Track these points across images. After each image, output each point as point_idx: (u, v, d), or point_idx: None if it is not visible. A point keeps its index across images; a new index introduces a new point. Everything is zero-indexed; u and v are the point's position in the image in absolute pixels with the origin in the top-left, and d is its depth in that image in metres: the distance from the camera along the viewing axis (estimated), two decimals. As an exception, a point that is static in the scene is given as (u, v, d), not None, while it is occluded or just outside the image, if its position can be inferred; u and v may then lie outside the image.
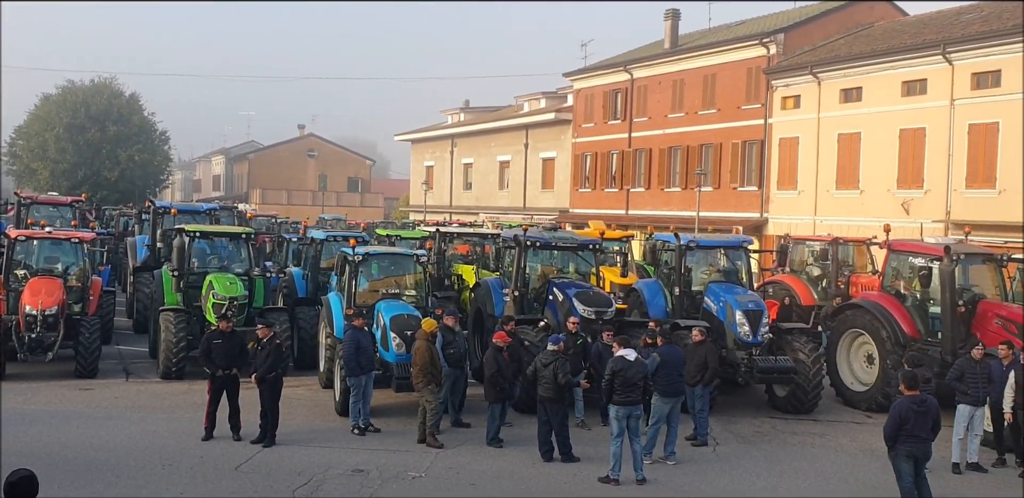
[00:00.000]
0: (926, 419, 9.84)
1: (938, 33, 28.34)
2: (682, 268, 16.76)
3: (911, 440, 9.81)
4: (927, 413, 9.87)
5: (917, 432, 9.79)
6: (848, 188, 30.30)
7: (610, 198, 41.27)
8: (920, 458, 9.94)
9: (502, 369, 12.56)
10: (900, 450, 9.87)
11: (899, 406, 9.95)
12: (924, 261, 15.50)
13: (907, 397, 9.98)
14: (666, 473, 11.73)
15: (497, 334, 13.03)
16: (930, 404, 10.04)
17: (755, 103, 33.94)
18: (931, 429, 9.94)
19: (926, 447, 9.94)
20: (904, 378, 10.28)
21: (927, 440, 9.92)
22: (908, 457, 9.87)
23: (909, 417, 9.77)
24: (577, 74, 43.95)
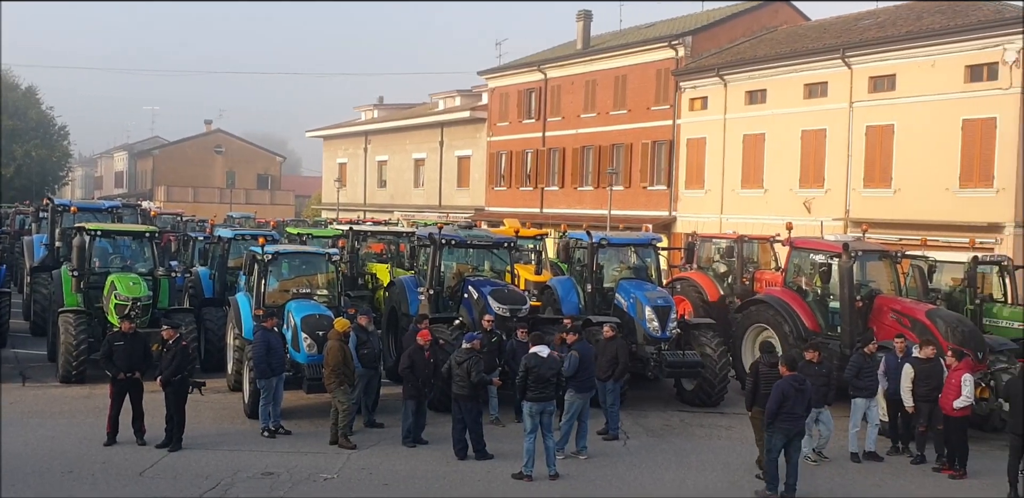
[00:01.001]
0: (803, 398, 10.68)
1: (838, 37, 29.50)
2: (594, 265, 17.01)
3: (789, 418, 10.58)
4: (804, 392, 10.72)
5: (794, 410, 10.58)
6: (753, 187, 31.25)
7: (525, 197, 41.54)
8: (793, 435, 10.68)
9: (416, 367, 12.52)
10: (777, 427, 10.62)
11: (781, 385, 10.69)
12: (824, 258, 16.08)
13: (787, 377, 10.78)
14: (578, 468, 11.90)
15: (420, 332, 12.96)
16: (807, 384, 10.91)
17: (664, 104, 34.68)
18: (805, 408, 10.81)
19: (800, 424, 10.79)
20: (784, 360, 11.15)
21: (801, 418, 10.77)
22: (784, 434, 10.62)
23: (790, 395, 10.54)
24: (492, 73, 44.08)
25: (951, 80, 25.36)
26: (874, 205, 27.16)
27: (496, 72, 43.88)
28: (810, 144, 29.32)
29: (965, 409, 11.95)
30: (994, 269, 18.59)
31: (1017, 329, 17.24)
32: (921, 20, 27.55)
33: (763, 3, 37.01)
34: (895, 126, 26.82)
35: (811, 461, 12.43)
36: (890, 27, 28.22)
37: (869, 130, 27.54)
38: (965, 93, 25.06)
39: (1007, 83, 24.05)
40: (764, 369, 11.60)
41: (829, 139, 28.70)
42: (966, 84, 25.10)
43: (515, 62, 44.03)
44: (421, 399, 12.69)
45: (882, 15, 30.69)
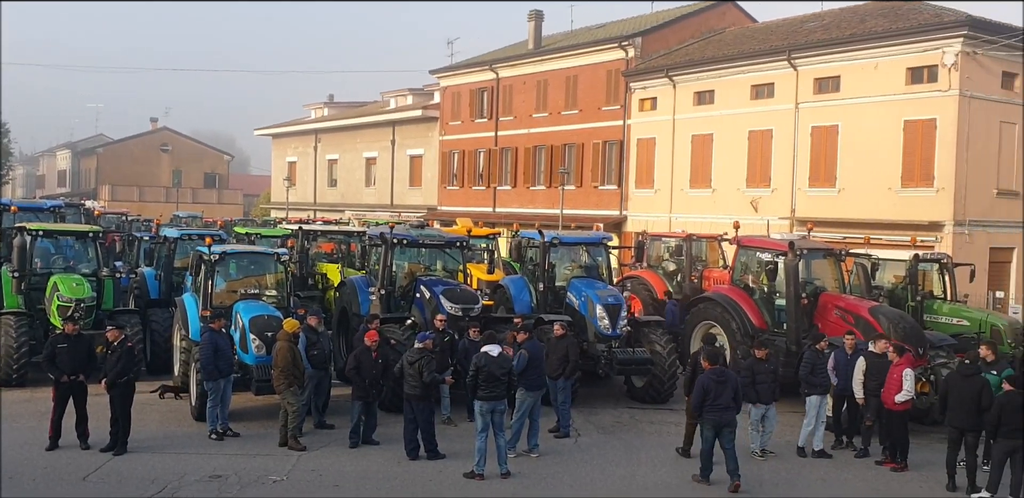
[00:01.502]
0: (726, 389, 11.14)
1: (784, 39, 30.01)
2: (546, 264, 17.09)
3: (714, 409, 11.10)
4: (726, 383, 11.19)
5: (718, 401, 11.07)
6: (701, 187, 31.67)
7: (478, 196, 41.53)
8: (723, 426, 11.11)
9: (362, 368, 12.45)
10: (705, 418, 11.17)
11: (703, 379, 11.27)
12: (770, 256, 16.37)
13: (708, 371, 11.31)
14: (530, 466, 11.95)
15: (368, 333, 12.88)
16: (729, 376, 11.40)
17: (615, 104, 34.95)
18: (732, 399, 11.20)
19: (729, 415, 11.16)
20: (706, 354, 11.65)
21: (728, 409, 11.16)
22: (712, 425, 11.12)
23: (711, 388, 11.09)
24: (444, 72, 43.98)
25: (893, 82, 25.98)
26: (819, 204, 27.71)
27: (448, 71, 43.79)
28: (757, 144, 29.80)
29: (906, 403, 12.25)
30: (934, 267, 19.10)
31: (956, 325, 17.77)
32: (864, 23, 28.17)
33: (711, 5, 37.51)
34: (839, 127, 27.39)
35: (757, 456, 12.65)
36: (834, 29, 28.80)
37: (814, 131, 28.09)
38: (907, 95, 25.69)
39: (946, 85, 24.71)
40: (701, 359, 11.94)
41: (775, 139, 29.20)
42: (907, 86, 25.73)
43: (467, 61, 43.99)
44: (369, 400, 12.63)
45: (827, 17, 31.31)
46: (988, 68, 25.12)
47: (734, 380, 11.44)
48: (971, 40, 24.47)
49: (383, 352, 12.81)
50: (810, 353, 13.17)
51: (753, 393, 12.61)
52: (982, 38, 24.58)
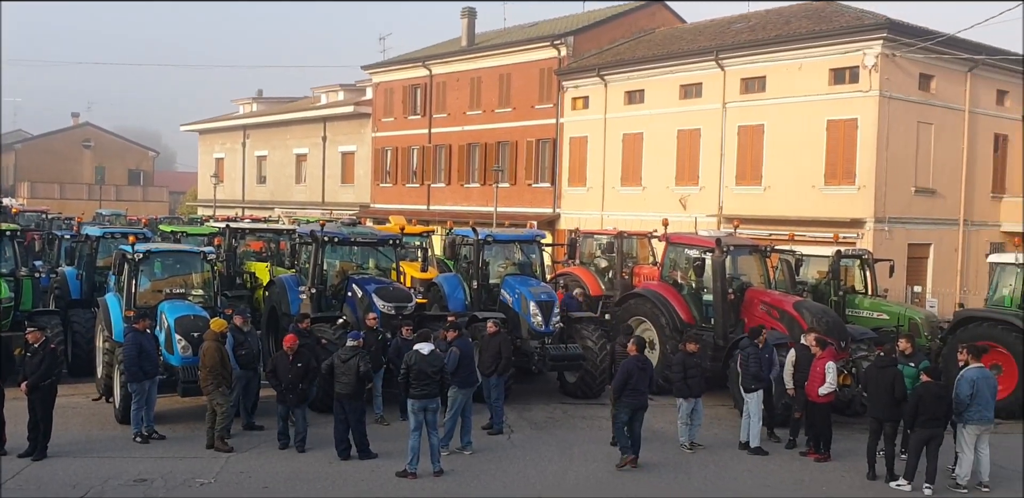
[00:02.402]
0: (645, 376, 11.98)
1: (712, 40, 30.57)
2: (480, 262, 17.10)
3: (632, 393, 11.88)
4: (646, 370, 12.05)
5: (637, 386, 11.88)
6: (632, 185, 32.07)
7: (411, 193, 41.32)
8: (638, 409, 11.95)
9: (278, 371, 12.24)
10: (623, 402, 11.88)
11: (626, 364, 12.05)
12: (698, 253, 16.65)
13: (632, 357, 12.10)
14: (463, 463, 11.96)
15: (286, 337, 12.64)
16: (648, 364, 12.23)
17: (548, 103, 35.15)
18: (648, 384, 12.01)
19: (644, 399, 12.03)
20: (635, 341, 12.49)
21: (644, 393, 12.00)
22: (628, 408, 11.88)
23: (633, 373, 11.86)
24: (376, 68, 43.62)
25: (816, 83, 26.69)
26: (745, 202, 28.33)
27: (380, 67, 43.44)
28: (685, 143, 30.31)
29: (829, 395, 12.61)
30: (856, 262, 19.75)
31: (876, 319, 18.39)
32: (789, 24, 28.87)
33: (641, 5, 37.99)
34: (765, 126, 28.03)
35: (687, 449, 12.88)
36: (760, 31, 29.45)
37: (741, 130, 28.69)
38: (829, 95, 26.42)
39: (867, 86, 25.49)
40: (620, 349, 13.10)
41: (703, 138, 29.73)
42: (830, 86, 26.47)
43: (400, 57, 43.70)
44: (287, 404, 12.34)
45: (753, 19, 31.99)
46: (906, 70, 26.00)
47: (652, 367, 12.34)
48: (890, 42, 25.29)
49: (305, 354, 12.52)
50: (753, 349, 13.26)
51: (685, 387, 12.83)
52: (901, 41, 25.42)
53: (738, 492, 11.17)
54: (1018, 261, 16.30)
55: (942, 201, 27.22)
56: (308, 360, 12.37)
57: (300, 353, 12.40)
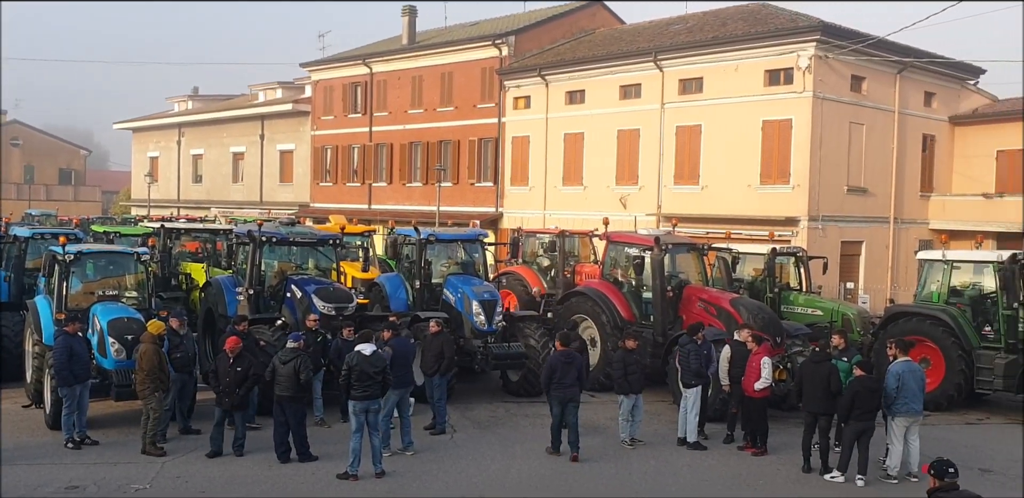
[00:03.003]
0: (571, 369, 12.30)
1: (650, 41, 30.94)
2: (422, 261, 17.03)
3: (560, 386, 12.24)
4: (572, 363, 12.36)
5: (564, 380, 12.23)
6: (573, 184, 32.30)
7: (352, 192, 40.96)
8: (567, 401, 12.27)
9: (219, 374, 12.00)
10: (552, 395, 12.33)
11: (552, 359, 12.55)
12: (638, 251, 16.84)
13: (559, 352, 12.53)
14: (405, 464, 11.91)
15: (229, 339, 12.41)
16: (575, 358, 12.52)
17: (490, 102, 35.17)
18: (576, 378, 12.35)
19: (572, 392, 12.34)
20: (559, 337, 12.88)
21: (572, 387, 12.31)
22: (558, 401, 12.27)
23: (558, 367, 12.26)
24: (315, 65, 43.12)
25: (752, 84, 27.21)
26: (683, 201, 28.75)
27: (320, 64, 42.95)
28: (625, 143, 30.63)
29: (765, 390, 12.87)
30: (790, 260, 20.19)
31: (811, 315, 18.83)
32: (726, 26, 29.36)
33: (582, 5, 38.26)
34: (702, 126, 28.48)
35: (627, 445, 13.03)
36: (698, 32, 29.90)
37: (679, 130, 29.10)
38: (765, 96, 26.96)
39: (801, 87, 26.08)
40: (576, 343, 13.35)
41: (643, 138, 30.08)
42: (766, 87, 27.01)
43: (339, 55, 43.26)
44: (225, 408, 12.02)
45: (691, 20, 32.46)
46: (839, 71, 26.67)
47: (579, 361, 12.59)
48: (823, 44, 25.91)
49: (246, 358, 12.22)
50: (693, 346, 13.44)
51: (625, 384, 12.98)
52: (833, 43, 26.06)
53: (678, 487, 11.33)
54: (945, 258, 16.85)
55: (873, 200, 28.00)
56: (248, 364, 12.11)
57: (241, 356, 12.14)
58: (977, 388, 15.96)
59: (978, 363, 15.78)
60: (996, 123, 30.07)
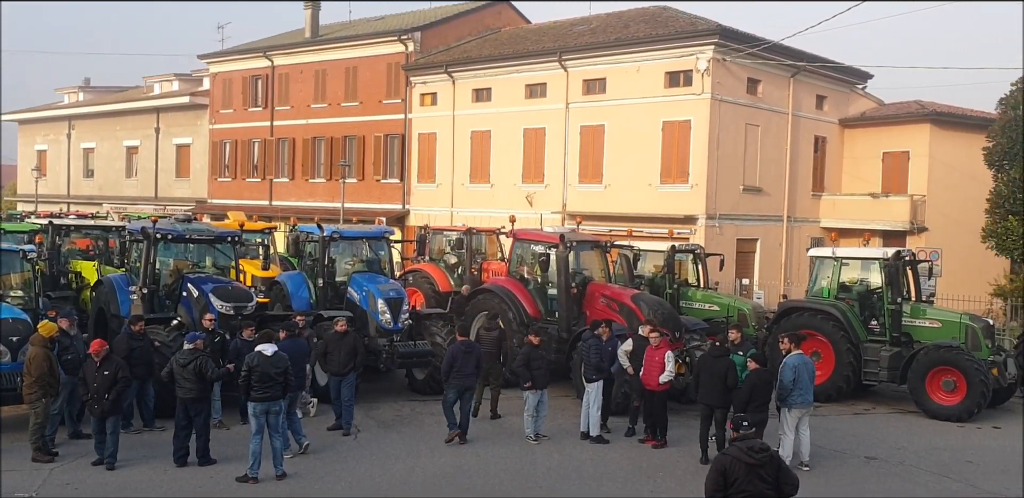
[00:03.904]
0: (471, 359, 12.98)
1: (555, 41, 31.24)
2: (326, 259, 16.79)
3: (459, 375, 12.89)
4: (471, 353, 13.06)
5: (463, 369, 12.88)
6: (480, 182, 32.36)
7: (252, 188, 40.00)
8: (464, 389, 12.99)
9: (86, 380, 11.38)
10: (451, 383, 12.95)
11: (452, 349, 13.24)
12: (543, 248, 17.01)
13: (459, 342, 13.27)
14: (307, 465, 11.72)
15: (93, 342, 11.80)
16: (474, 348, 13.33)
17: (395, 98, 34.89)
18: (475, 367, 13.06)
19: (470, 381, 13.07)
20: (459, 329, 13.83)
21: (470, 376, 13.02)
22: (455, 389, 12.95)
23: (458, 357, 12.91)
24: (214, 57, 41.91)
25: (653, 85, 27.80)
26: (587, 199, 29.17)
27: (219, 56, 41.76)
28: (531, 142, 30.87)
29: (667, 384, 13.21)
30: (689, 257, 20.75)
31: (708, 310, 19.40)
32: (628, 28, 29.90)
33: (487, 4, 38.31)
34: (606, 126, 28.95)
35: (532, 441, 13.16)
36: (601, 33, 30.35)
37: (583, 130, 29.50)
38: (665, 97, 27.59)
39: (700, 89, 26.79)
40: (483, 332, 14.79)
41: (548, 137, 30.37)
42: (666, 89, 27.64)
43: (239, 47, 42.16)
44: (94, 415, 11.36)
45: (594, 22, 32.91)
46: (736, 74, 27.51)
47: (478, 351, 13.36)
48: (721, 48, 26.68)
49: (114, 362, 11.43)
50: (597, 341, 13.66)
51: (529, 379, 13.10)
52: (731, 46, 26.87)
53: (581, 481, 11.50)
54: (835, 255, 17.60)
55: (767, 199, 29.01)
56: (116, 367, 11.34)
57: (109, 360, 11.39)
58: (864, 380, 16.74)
59: (865, 356, 16.57)
60: (882, 126, 31.59)
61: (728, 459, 6.88)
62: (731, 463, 6.83)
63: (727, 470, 6.82)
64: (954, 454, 13.17)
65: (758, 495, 6.74)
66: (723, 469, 6.84)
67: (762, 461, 6.81)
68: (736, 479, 6.75)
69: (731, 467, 6.81)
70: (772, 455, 6.95)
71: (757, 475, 6.76)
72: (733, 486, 6.77)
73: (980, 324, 16.19)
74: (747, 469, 6.76)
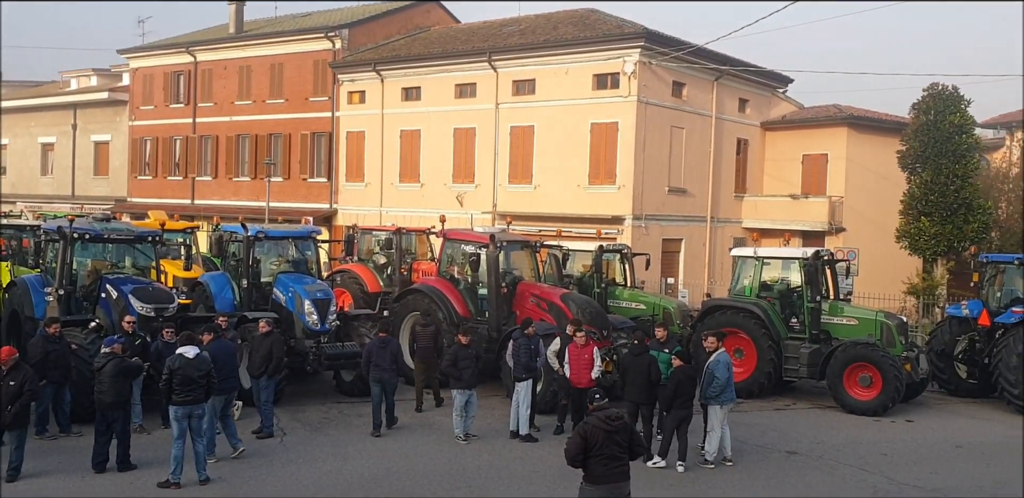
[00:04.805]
0: (386, 353, 13.60)
1: (484, 41, 31.26)
2: (250, 259, 16.48)
3: (377, 369, 13.50)
4: (387, 348, 13.66)
5: (380, 363, 13.53)
6: (410, 181, 32.19)
7: (174, 187, 39.01)
8: (384, 382, 13.58)
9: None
10: (372, 376, 13.61)
11: (370, 344, 13.90)
12: (474, 248, 17.03)
13: (377, 338, 13.84)
14: (232, 469, 11.50)
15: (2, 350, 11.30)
16: (390, 343, 13.83)
17: (323, 96, 34.45)
18: (391, 361, 13.60)
19: (389, 375, 13.62)
20: (381, 325, 14.30)
21: (388, 369, 13.58)
22: (376, 382, 13.59)
23: (374, 351, 13.61)
24: (134, 52, 40.74)
25: (581, 87, 28.06)
26: (517, 199, 29.28)
27: (139, 51, 40.60)
28: (462, 141, 30.84)
29: (594, 381, 13.34)
30: (616, 256, 21.02)
31: (635, 309, 19.68)
32: (557, 30, 30.11)
33: (416, 3, 38.11)
34: (535, 127, 29.10)
35: (461, 441, 13.16)
36: (530, 35, 30.49)
37: (513, 130, 29.60)
38: (593, 99, 27.87)
39: (627, 92, 27.14)
40: (419, 328, 15.21)
41: (478, 137, 30.38)
42: (594, 91, 27.92)
43: (161, 42, 41.07)
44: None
45: (524, 23, 33.04)
46: (661, 77, 27.96)
47: (394, 346, 13.98)
48: (647, 51, 27.08)
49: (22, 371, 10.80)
50: (523, 339, 13.73)
51: (459, 379, 13.10)
52: (657, 50, 27.29)
53: (510, 480, 11.54)
54: (756, 255, 18.04)
55: (692, 200, 29.57)
56: (24, 377, 10.71)
57: (17, 368, 10.77)
58: (785, 376, 17.22)
59: (786, 353, 17.04)
60: (802, 129, 32.49)
61: (589, 427, 7.97)
62: (591, 430, 7.95)
63: (588, 436, 7.93)
64: (871, 447, 13.64)
65: (613, 456, 7.95)
66: (585, 435, 7.95)
67: (617, 428, 8.00)
68: (596, 443, 7.89)
69: (591, 433, 7.93)
70: (625, 423, 8.15)
71: (613, 440, 7.95)
72: (593, 449, 7.90)
73: (894, 321, 16.80)
74: (605, 435, 7.92)
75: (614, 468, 7.96)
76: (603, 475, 7.93)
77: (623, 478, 8.04)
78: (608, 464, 7.93)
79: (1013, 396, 16.12)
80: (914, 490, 11.46)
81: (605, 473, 7.93)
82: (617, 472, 7.99)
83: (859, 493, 11.33)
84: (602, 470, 7.92)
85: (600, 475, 7.93)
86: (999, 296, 17.49)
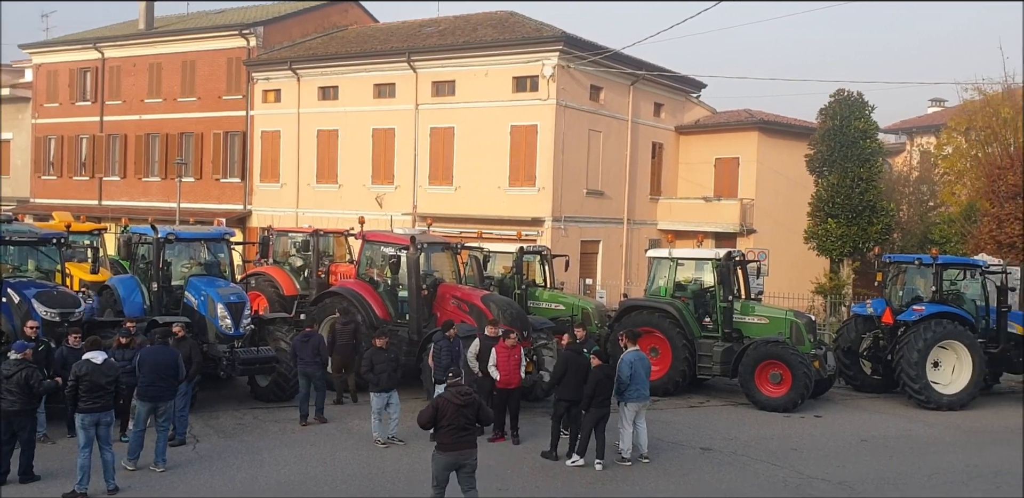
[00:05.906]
0: (308, 347, 14.29)
1: (403, 42, 31.09)
2: (160, 262, 16.00)
3: (301, 362, 14.29)
4: (308, 342, 14.37)
5: (304, 356, 14.24)
6: (328, 182, 31.77)
7: (80, 187, 37.63)
8: (310, 376, 14.27)
9: None
10: (299, 371, 14.38)
11: (295, 340, 14.68)
12: (394, 250, 16.90)
13: (302, 334, 14.70)
14: (142, 478, 11.14)
15: None
16: (311, 337, 14.56)
17: (236, 94, 33.73)
18: (314, 355, 14.26)
19: (313, 368, 14.30)
20: (307, 319, 15.27)
21: (311, 363, 14.24)
22: (305, 376, 14.28)
23: (299, 348, 14.34)
24: (37, 47, 39.17)
25: (501, 89, 28.18)
26: (438, 201, 29.21)
27: (43, 47, 39.03)
28: (381, 142, 30.60)
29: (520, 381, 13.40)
30: (536, 258, 21.18)
31: (554, 309, 19.86)
32: (476, 31, 30.15)
33: (333, 1, 37.66)
34: (455, 129, 29.09)
35: (380, 445, 13.04)
36: (450, 36, 30.46)
37: (433, 131, 29.52)
38: (513, 102, 28.02)
39: (546, 95, 27.38)
40: (339, 326, 15.55)
41: (398, 138, 30.20)
42: (514, 93, 28.08)
43: (66, 37, 39.57)
44: None
45: (443, 24, 32.98)
46: (579, 81, 28.30)
47: (317, 339, 14.67)
48: (566, 55, 27.37)
49: None
50: (444, 341, 13.72)
51: (375, 381, 12.99)
52: (575, 54, 27.60)
53: (429, 483, 11.47)
54: (671, 256, 18.42)
55: (609, 202, 30.00)
56: None
57: None
58: (699, 374, 17.62)
59: (699, 351, 17.44)
60: (715, 133, 33.33)
61: (443, 400, 9.18)
62: (444, 403, 9.12)
63: (439, 407, 9.07)
64: (781, 442, 14.06)
65: (461, 427, 9.10)
66: (437, 406, 9.12)
67: (467, 402, 9.14)
68: (446, 414, 9.04)
69: (443, 405, 9.09)
70: (475, 398, 9.28)
71: (462, 413, 9.08)
72: (443, 419, 9.03)
73: (803, 320, 17.36)
74: (455, 408, 9.06)
75: (462, 437, 9.10)
76: (453, 443, 9.08)
77: (470, 445, 9.22)
78: (457, 434, 9.06)
79: (914, 391, 16.84)
80: (822, 483, 11.86)
81: (454, 442, 9.08)
82: (464, 441, 9.13)
83: (770, 487, 11.66)
84: (452, 439, 9.06)
85: (450, 443, 9.08)
86: (901, 295, 18.25)
